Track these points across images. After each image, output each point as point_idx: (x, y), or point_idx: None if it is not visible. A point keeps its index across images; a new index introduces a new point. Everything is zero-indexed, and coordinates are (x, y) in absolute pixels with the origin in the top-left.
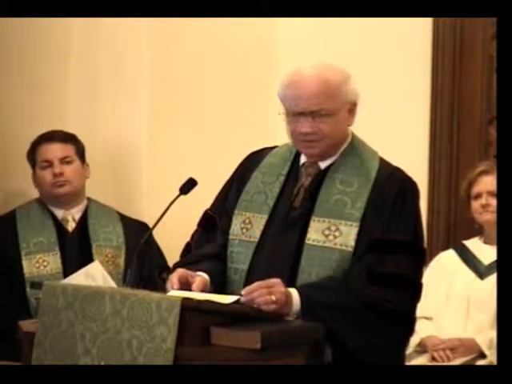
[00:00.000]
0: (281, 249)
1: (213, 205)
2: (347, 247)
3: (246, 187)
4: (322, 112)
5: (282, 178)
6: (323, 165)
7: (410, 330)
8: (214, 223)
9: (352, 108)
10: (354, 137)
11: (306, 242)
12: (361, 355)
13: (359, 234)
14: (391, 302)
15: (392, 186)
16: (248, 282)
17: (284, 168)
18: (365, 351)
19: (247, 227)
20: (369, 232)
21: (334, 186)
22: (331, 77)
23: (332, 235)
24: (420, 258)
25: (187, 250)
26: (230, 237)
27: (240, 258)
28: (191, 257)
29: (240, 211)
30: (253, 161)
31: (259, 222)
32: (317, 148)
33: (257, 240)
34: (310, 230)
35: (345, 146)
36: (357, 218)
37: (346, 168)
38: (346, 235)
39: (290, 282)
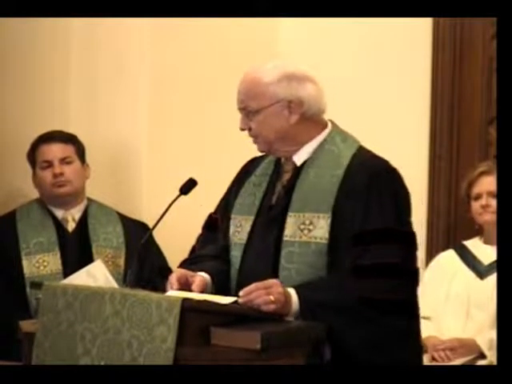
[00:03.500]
0: (263, 248)
1: (216, 208)
2: (322, 239)
3: (240, 192)
4: (248, 109)
5: (268, 178)
6: (299, 160)
7: (411, 317)
8: (217, 225)
9: (291, 106)
10: (332, 129)
11: (284, 238)
12: (364, 352)
13: (332, 224)
14: (382, 293)
15: (363, 173)
16: (238, 284)
17: (270, 168)
18: (367, 348)
19: (238, 230)
20: (344, 221)
21: (308, 180)
22: (261, 76)
23: (307, 229)
24: (408, 243)
25: (192, 252)
26: (229, 241)
27: (234, 261)
28: (194, 257)
29: (234, 215)
30: (252, 165)
31: (247, 224)
32: (258, 144)
33: (244, 242)
34: (286, 226)
35: (320, 139)
36: (328, 208)
37: (321, 161)
38: (319, 228)
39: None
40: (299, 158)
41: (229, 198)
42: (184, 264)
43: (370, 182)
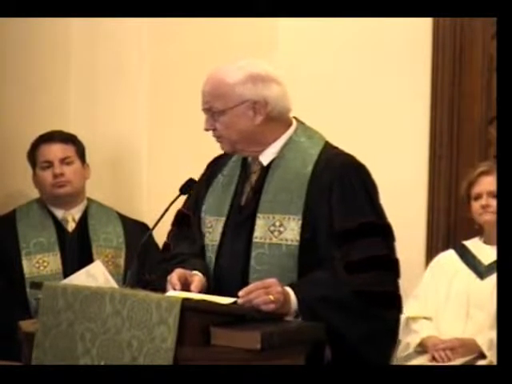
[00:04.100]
0: (235, 250)
1: (186, 205)
2: (293, 241)
3: (209, 191)
4: (213, 110)
5: (236, 178)
6: (265, 160)
7: (399, 308)
8: (189, 221)
9: (256, 106)
10: (297, 127)
11: (253, 240)
12: (361, 346)
13: (306, 225)
14: (376, 285)
15: (332, 170)
16: (213, 285)
17: (238, 167)
18: (365, 341)
19: (210, 231)
20: (319, 221)
21: (276, 181)
22: (226, 76)
23: (277, 231)
24: (387, 234)
25: (165, 249)
26: (203, 241)
27: (208, 262)
28: (175, 255)
29: (205, 216)
30: (218, 164)
31: (219, 225)
32: (223, 144)
33: (217, 243)
34: (256, 228)
35: (286, 138)
36: (298, 210)
37: (288, 161)
38: (290, 229)
39: (242, 282)
40: (266, 158)
41: (198, 197)
42: (166, 262)
43: (341, 178)
